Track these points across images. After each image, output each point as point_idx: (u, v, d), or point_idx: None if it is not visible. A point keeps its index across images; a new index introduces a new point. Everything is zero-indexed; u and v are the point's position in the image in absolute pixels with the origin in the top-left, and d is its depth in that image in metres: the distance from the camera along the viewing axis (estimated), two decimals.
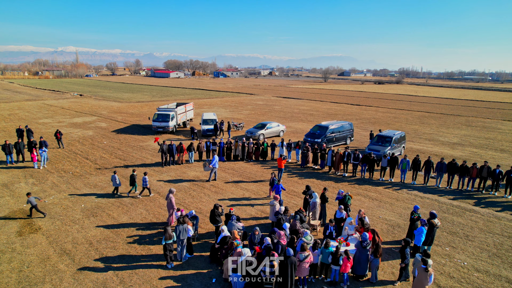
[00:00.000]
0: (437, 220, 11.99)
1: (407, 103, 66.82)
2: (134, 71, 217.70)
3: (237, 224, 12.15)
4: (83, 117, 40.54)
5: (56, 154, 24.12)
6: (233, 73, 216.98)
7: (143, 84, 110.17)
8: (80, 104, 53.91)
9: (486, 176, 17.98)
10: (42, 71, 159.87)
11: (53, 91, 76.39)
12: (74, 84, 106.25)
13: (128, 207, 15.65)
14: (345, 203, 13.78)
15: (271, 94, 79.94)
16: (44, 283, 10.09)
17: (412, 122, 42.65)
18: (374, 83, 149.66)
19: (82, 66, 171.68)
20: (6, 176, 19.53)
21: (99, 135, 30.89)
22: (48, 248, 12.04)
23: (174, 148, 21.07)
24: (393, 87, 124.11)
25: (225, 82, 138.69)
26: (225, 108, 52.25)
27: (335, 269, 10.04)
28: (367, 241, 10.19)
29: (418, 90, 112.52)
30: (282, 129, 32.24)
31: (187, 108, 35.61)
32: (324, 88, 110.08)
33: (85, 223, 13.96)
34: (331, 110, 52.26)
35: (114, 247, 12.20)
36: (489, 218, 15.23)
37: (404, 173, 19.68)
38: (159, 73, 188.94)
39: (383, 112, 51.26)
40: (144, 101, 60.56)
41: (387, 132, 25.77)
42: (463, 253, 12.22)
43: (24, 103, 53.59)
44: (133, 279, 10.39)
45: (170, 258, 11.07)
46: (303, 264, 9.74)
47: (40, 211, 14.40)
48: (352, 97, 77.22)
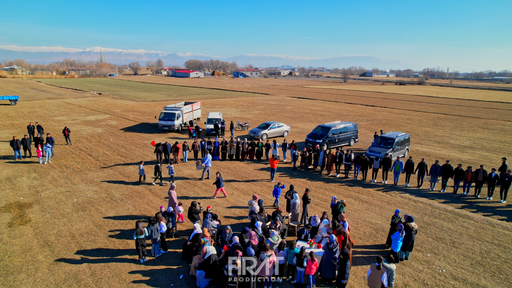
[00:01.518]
0: (413, 224, 11.63)
1: (424, 104, 64.83)
2: (156, 71, 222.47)
3: (212, 222, 12.25)
4: (96, 115, 41.89)
5: (63, 150, 25.07)
6: (253, 73, 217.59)
7: (162, 84, 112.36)
8: (97, 102, 55.70)
9: (481, 180, 17.24)
10: (68, 70, 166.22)
11: (75, 90, 79.26)
12: (96, 83, 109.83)
13: (117, 202, 16.08)
14: (337, 210, 13.22)
15: (286, 94, 79.60)
16: (20, 273, 10.56)
17: (425, 124, 41.36)
18: (395, 84, 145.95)
19: (105, 66, 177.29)
20: (12, 170, 20.50)
21: (108, 132, 31.83)
22: (33, 240, 12.58)
23: (169, 147, 21.42)
24: (414, 88, 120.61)
25: (243, 82, 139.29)
26: (237, 108, 52.53)
27: (300, 270, 9.93)
28: (333, 243, 10.04)
29: (440, 91, 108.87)
30: (287, 129, 32.09)
31: (194, 108, 36.07)
32: (342, 88, 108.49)
33: (73, 217, 14.47)
34: (343, 111, 51.46)
35: (94, 241, 12.59)
36: (482, 225, 14.60)
37: (397, 175, 19.17)
38: (180, 73, 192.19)
39: (397, 114, 49.97)
40: (159, 100, 61.79)
41: (390, 134, 25.15)
42: (444, 260, 11.79)
43: (46, 101, 55.93)
44: (104, 272, 10.69)
45: (143, 253, 11.31)
46: (266, 265, 9.71)
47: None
48: (369, 98, 75.72)
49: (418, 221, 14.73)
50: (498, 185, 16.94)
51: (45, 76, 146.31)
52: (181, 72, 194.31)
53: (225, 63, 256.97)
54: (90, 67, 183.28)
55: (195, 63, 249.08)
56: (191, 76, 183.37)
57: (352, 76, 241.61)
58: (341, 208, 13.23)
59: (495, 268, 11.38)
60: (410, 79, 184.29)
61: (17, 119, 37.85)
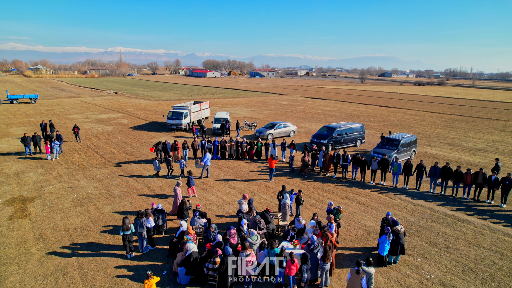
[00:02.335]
0: (400, 227, 11.33)
1: (441, 105, 63.02)
2: (174, 71, 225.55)
3: (199, 220, 12.35)
4: (109, 114, 42.92)
5: (71, 148, 25.83)
6: (269, 73, 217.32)
7: (178, 83, 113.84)
8: (111, 101, 57.05)
9: (481, 183, 16.63)
10: (89, 70, 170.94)
11: (93, 89, 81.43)
12: (114, 82, 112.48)
13: (115, 199, 16.44)
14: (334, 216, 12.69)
15: (300, 95, 79.12)
16: (12, 264, 10.97)
17: (438, 125, 40.22)
18: (414, 84, 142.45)
19: (124, 66, 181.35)
20: (21, 165, 21.29)
21: (117, 131, 32.56)
22: (29, 233, 13.04)
23: (168, 146, 21.70)
24: (433, 89, 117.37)
25: (258, 82, 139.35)
26: (248, 108, 52.64)
27: (280, 271, 9.88)
28: (314, 244, 9.93)
29: (460, 92, 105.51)
30: (293, 129, 31.91)
31: (202, 107, 36.39)
32: (357, 89, 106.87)
33: (71, 212, 14.90)
34: (355, 112, 50.71)
35: (86, 235, 12.93)
36: (481, 230, 14.08)
37: (395, 177, 18.77)
38: (197, 73, 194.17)
39: (410, 115, 48.80)
40: (172, 99, 62.64)
41: (396, 135, 24.62)
42: (435, 265, 11.45)
43: (63, 100, 57.75)
44: (91, 266, 10.97)
45: (130, 248, 11.53)
46: (245, 263, 9.71)
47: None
48: (384, 98, 74.29)
49: (415, 225, 14.39)
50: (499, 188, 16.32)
51: (67, 75, 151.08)
52: (198, 72, 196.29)
53: (242, 63, 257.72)
54: (110, 67, 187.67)
55: (212, 63, 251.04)
56: (208, 76, 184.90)
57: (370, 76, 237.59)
58: (337, 215, 12.88)
59: (488, 275, 10.96)
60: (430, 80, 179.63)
61: (34, 117, 39.23)
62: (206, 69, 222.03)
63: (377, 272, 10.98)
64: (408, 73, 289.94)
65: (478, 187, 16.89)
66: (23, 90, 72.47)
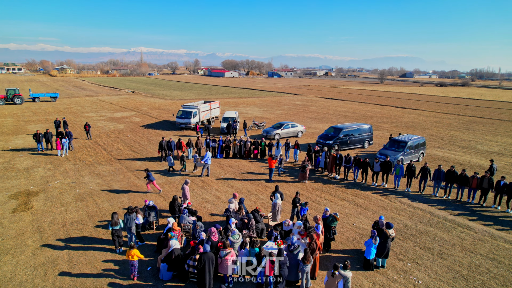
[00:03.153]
0: (392, 231, 11.06)
1: (461, 107, 60.96)
2: (193, 70, 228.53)
3: (188, 218, 12.48)
4: (123, 112, 43.97)
5: (82, 144, 26.65)
6: (287, 73, 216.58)
7: (195, 83, 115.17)
8: (128, 100, 58.40)
9: (487, 188, 15.97)
10: (111, 69, 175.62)
11: (112, 88, 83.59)
12: (134, 81, 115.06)
13: (114, 195, 16.84)
14: (327, 224, 12.19)
15: (316, 95, 78.44)
16: (7, 254, 11.45)
17: (454, 127, 38.92)
18: (435, 85, 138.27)
19: (144, 65, 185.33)
20: (32, 161, 22.14)
21: (128, 129, 33.32)
22: (28, 225, 13.56)
23: (173, 145, 22.02)
24: (455, 90, 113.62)
25: (275, 82, 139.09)
26: (260, 108, 52.66)
27: (260, 270, 9.85)
28: (294, 245, 9.84)
29: (484, 93, 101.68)
30: (301, 129, 31.69)
31: (212, 106, 36.69)
32: (376, 89, 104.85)
33: (71, 206, 15.37)
34: (369, 112, 49.79)
35: (81, 229, 13.31)
36: (482, 237, 13.54)
37: (398, 179, 18.31)
38: (215, 73, 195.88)
39: (426, 116, 47.45)
40: (187, 98, 63.43)
41: (403, 137, 24.02)
42: (425, 271, 11.10)
43: (82, 99, 59.59)
44: (80, 259, 11.30)
45: (119, 243, 11.81)
46: (224, 262, 9.75)
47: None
48: (402, 99, 72.58)
49: (411, 229, 14.01)
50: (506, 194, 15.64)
51: (89, 75, 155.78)
52: (216, 71, 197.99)
53: (260, 63, 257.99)
54: (131, 67, 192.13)
55: (231, 63, 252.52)
56: (226, 75, 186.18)
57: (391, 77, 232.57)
58: (332, 222, 12.17)
59: (480, 284, 10.54)
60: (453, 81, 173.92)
61: (52, 115, 40.66)
62: (224, 69, 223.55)
63: (363, 276, 10.78)
64: (431, 74, 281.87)
65: (484, 191, 16.24)
66: (47, 89, 75.22)
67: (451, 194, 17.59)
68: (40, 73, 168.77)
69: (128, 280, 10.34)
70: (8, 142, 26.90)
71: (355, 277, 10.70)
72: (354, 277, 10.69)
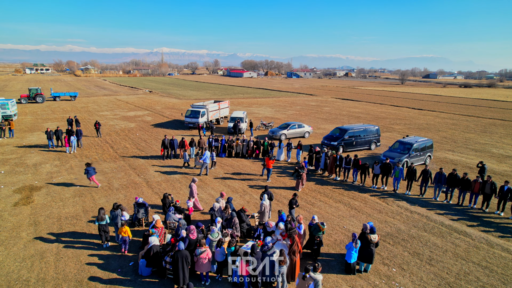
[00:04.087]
0: (374, 236, 10.77)
1: (483, 109, 58.63)
2: (213, 71, 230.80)
3: (174, 216, 12.63)
4: (136, 111, 44.97)
5: (91, 142, 27.46)
6: (306, 73, 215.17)
7: (213, 83, 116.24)
8: (143, 99, 59.68)
9: (489, 193, 15.30)
10: (132, 70, 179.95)
11: (131, 88, 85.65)
12: (153, 81, 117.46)
13: (112, 191, 17.27)
14: (311, 232, 11.61)
15: (332, 96, 77.51)
16: (1, 246, 11.96)
17: (471, 129, 37.48)
18: (459, 86, 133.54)
19: (164, 66, 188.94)
20: (41, 157, 23.02)
21: (138, 127, 34.05)
22: (26, 218, 14.11)
23: (175, 143, 22.32)
24: (480, 91, 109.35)
25: (293, 82, 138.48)
26: (272, 108, 52.56)
27: (235, 270, 9.85)
28: (268, 246, 9.77)
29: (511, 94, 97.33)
30: (308, 130, 31.40)
31: (221, 106, 36.93)
32: (395, 90, 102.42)
33: (69, 202, 15.88)
34: (383, 114, 48.72)
35: (74, 224, 13.73)
36: (478, 244, 12.99)
37: (397, 182, 17.83)
38: (234, 73, 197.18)
39: (443, 118, 45.93)
40: (201, 98, 64.12)
41: (410, 139, 23.36)
42: (409, 277, 10.76)
43: (100, 98, 61.38)
44: (67, 253, 11.66)
45: (106, 238, 12.11)
46: (200, 260, 9.81)
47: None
48: (420, 101, 70.57)
49: (403, 234, 13.63)
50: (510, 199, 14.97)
51: (111, 75, 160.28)
52: (235, 72, 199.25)
53: (279, 63, 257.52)
54: (152, 67, 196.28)
55: (250, 63, 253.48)
56: (244, 76, 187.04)
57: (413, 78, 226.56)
58: (315, 231, 11.43)
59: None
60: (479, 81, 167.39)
61: (69, 113, 42.02)
62: (243, 69, 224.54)
63: (343, 280, 10.58)
64: (456, 74, 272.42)
65: (486, 197, 15.59)
66: (69, 88, 77.87)
67: (453, 198, 16.99)
68: (66, 73, 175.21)
69: (109, 274, 10.59)
70: (24, 139, 28.07)
71: (335, 281, 10.53)
72: (334, 281, 10.53)
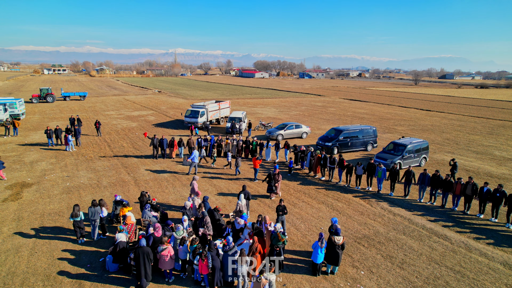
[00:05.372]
0: (339, 238, 10.65)
1: (496, 110, 56.98)
2: (225, 71, 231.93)
3: (148, 213, 12.80)
4: (141, 111, 45.68)
5: (90, 141, 28.08)
6: (319, 74, 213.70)
7: (223, 83, 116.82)
8: (151, 99, 60.54)
9: (470, 195, 14.92)
10: (146, 70, 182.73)
11: (141, 88, 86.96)
12: (165, 82, 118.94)
13: (99, 189, 17.64)
14: (271, 241, 10.88)
15: (340, 96, 76.80)
16: None
17: (477, 131, 36.50)
18: (475, 87, 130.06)
19: (177, 66, 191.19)
20: (39, 155, 23.68)
21: (139, 127, 34.59)
22: (11, 214, 14.56)
23: (165, 142, 22.60)
24: (496, 92, 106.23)
25: (304, 83, 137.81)
26: (276, 108, 52.48)
27: (195, 268, 9.93)
28: (229, 246, 9.80)
29: None
30: (306, 131, 31.24)
31: (221, 106, 37.13)
32: (407, 91, 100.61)
33: (55, 199, 16.30)
34: (388, 114, 47.98)
35: (56, 220, 14.09)
36: (456, 248, 12.67)
37: (380, 183, 17.58)
38: (246, 73, 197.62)
39: (450, 119, 44.87)
40: (209, 98, 64.50)
41: (404, 140, 22.99)
42: (376, 281, 10.60)
43: (109, 98, 62.59)
44: (42, 248, 11.98)
45: (81, 234, 12.39)
46: (163, 257, 9.93)
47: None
48: (431, 101, 69.11)
49: (380, 236, 13.42)
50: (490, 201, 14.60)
51: (125, 75, 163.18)
52: (247, 72, 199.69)
53: (292, 63, 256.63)
54: (166, 67, 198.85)
55: (262, 63, 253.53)
56: (256, 76, 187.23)
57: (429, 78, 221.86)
58: (275, 240, 10.64)
59: None
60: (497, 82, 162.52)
61: (76, 112, 43.03)
62: (255, 69, 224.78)
63: (307, 281, 10.52)
64: (475, 75, 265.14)
65: (467, 198, 15.22)
66: (82, 88, 79.60)
67: (437, 200, 16.68)
68: (82, 74, 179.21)
69: (78, 269, 10.83)
70: (27, 137, 28.94)
71: (299, 282, 10.48)
72: (298, 281, 10.49)
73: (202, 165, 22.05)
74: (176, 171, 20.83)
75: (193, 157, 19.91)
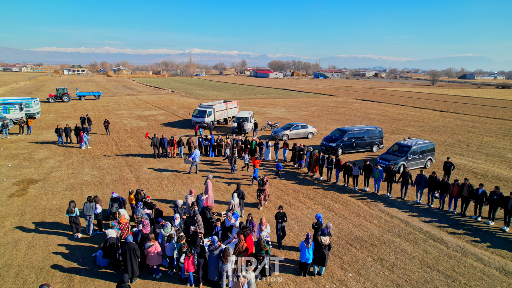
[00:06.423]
0: (325, 238, 10.59)
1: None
2: (240, 71, 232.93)
3: (142, 211, 13.05)
4: (152, 111, 46.43)
5: (99, 139, 28.77)
6: (334, 74, 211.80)
7: (237, 83, 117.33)
8: (163, 99, 61.44)
9: (467, 196, 14.54)
10: (162, 70, 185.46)
11: (155, 88, 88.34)
12: (179, 82, 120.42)
13: (101, 186, 18.08)
14: (254, 252, 10.63)
15: (353, 96, 75.89)
16: None
17: (491, 133, 35.40)
18: (496, 87, 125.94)
19: (192, 66, 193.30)
20: (49, 153, 24.44)
21: (148, 126, 35.19)
22: (15, 209, 15.12)
23: (165, 142, 22.92)
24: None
25: (318, 83, 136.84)
26: (286, 108, 52.35)
27: (181, 266, 10.07)
28: (214, 245, 9.89)
29: None
30: (311, 131, 31.06)
31: (229, 106, 37.34)
32: (423, 91, 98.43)
33: (59, 195, 16.81)
34: (400, 115, 47.12)
35: (55, 216, 14.55)
36: (451, 252, 12.38)
37: (377, 183, 17.33)
38: (260, 73, 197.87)
39: (464, 120, 43.67)
40: (220, 98, 64.92)
41: (409, 141, 22.56)
42: (363, 283, 10.48)
43: (123, 97, 63.87)
44: (40, 242, 12.40)
45: (76, 229, 12.76)
46: (149, 253, 10.12)
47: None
48: (446, 102, 67.44)
49: (374, 238, 13.25)
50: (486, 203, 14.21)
51: (141, 75, 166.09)
52: (261, 72, 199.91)
53: (307, 63, 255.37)
54: (182, 68, 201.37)
55: (277, 63, 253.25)
56: (270, 76, 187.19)
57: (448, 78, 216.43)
58: (257, 249, 10.43)
59: None
60: None
61: (89, 112, 44.18)
62: (270, 69, 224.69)
63: (293, 282, 10.50)
64: (497, 75, 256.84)
65: (464, 200, 14.86)
66: (99, 88, 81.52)
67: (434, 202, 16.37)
68: (100, 74, 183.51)
69: (70, 263, 11.17)
70: (39, 136, 29.90)
71: (284, 282, 10.48)
72: (283, 282, 10.48)
73: (205, 162, 22.24)
74: (177, 170, 21.11)
75: (194, 156, 20.13)
